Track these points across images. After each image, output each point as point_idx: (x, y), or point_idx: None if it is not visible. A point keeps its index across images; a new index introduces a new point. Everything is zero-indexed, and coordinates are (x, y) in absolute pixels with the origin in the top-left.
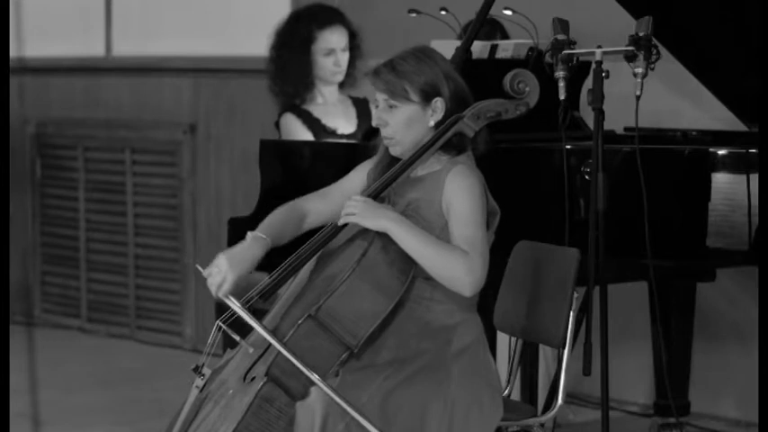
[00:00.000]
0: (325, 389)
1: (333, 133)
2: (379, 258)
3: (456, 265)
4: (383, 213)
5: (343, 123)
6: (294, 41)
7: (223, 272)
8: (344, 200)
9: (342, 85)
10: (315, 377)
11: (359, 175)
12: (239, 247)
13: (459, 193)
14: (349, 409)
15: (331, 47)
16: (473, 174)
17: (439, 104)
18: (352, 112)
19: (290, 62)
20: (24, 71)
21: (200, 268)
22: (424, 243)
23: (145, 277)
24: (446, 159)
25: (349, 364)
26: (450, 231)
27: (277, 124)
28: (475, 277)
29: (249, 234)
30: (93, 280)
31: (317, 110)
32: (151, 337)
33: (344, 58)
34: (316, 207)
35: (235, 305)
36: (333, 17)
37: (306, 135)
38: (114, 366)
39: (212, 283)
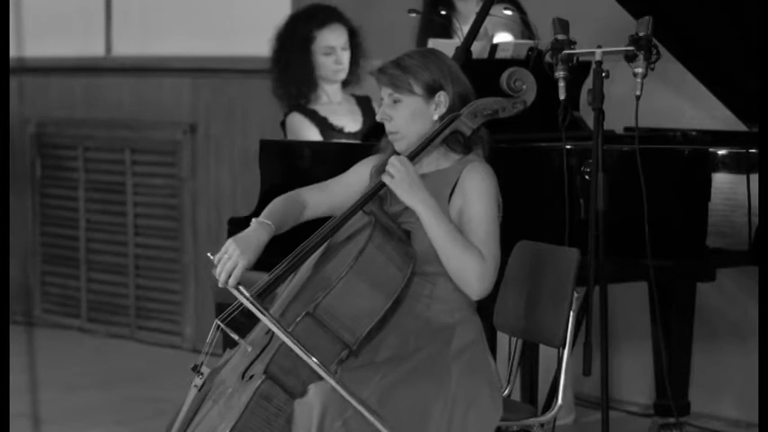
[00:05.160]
0: (327, 377)
1: (340, 132)
2: (376, 256)
3: (471, 268)
4: (419, 193)
5: (350, 122)
6: (294, 42)
7: (234, 258)
8: (344, 196)
9: (345, 84)
10: (313, 361)
11: (360, 171)
12: (247, 232)
13: (477, 194)
14: (350, 399)
15: (330, 45)
16: (489, 175)
17: (442, 98)
18: (357, 110)
19: (291, 63)
20: (24, 71)
21: (210, 256)
22: (449, 238)
23: (145, 277)
24: (456, 158)
25: (348, 362)
26: (465, 230)
27: (282, 124)
28: (485, 285)
29: (254, 220)
30: (93, 280)
31: (322, 109)
32: (151, 337)
33: (345, 56)
34: (315, 199)
35: (244, 295)
36: (331, 16)
37: (314, 133)
38: (114, 366)
39: (223, 270)
